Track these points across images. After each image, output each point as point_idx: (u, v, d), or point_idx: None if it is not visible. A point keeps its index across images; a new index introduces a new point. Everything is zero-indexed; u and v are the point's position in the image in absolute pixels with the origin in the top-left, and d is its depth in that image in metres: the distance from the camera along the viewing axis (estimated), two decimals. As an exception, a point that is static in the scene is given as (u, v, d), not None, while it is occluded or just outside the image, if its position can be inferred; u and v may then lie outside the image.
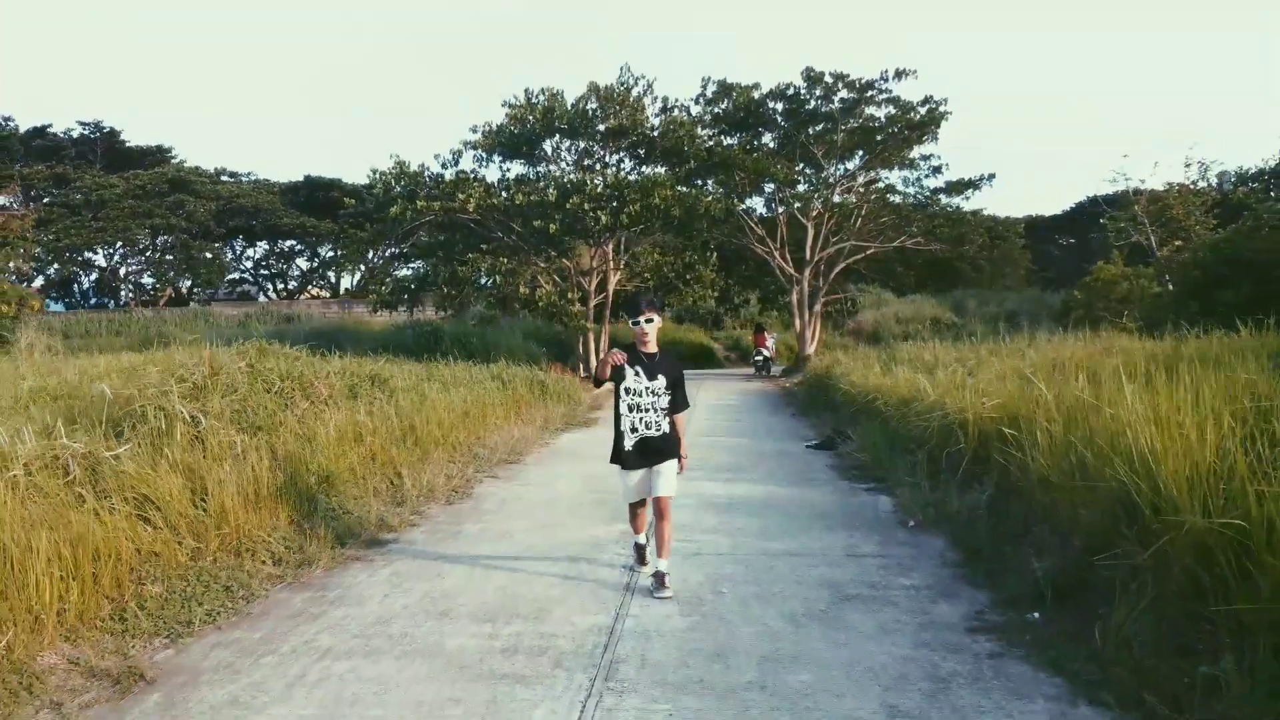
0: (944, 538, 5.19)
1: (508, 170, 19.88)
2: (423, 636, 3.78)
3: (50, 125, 44.25)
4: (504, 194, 17.53)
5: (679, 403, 4.50)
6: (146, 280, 44.38)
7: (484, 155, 19.41)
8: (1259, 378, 4.87)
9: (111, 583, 4.00)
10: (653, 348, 4.45)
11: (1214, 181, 33.17)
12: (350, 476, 6.35)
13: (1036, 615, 3.76)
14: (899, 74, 18.96)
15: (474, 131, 19.18)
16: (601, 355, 4.72)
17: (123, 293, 44.47)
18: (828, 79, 19.06)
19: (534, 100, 18.66)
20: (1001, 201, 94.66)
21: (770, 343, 23.61)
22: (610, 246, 19.30)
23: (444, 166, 19.15)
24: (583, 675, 3.30)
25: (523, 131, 18.51)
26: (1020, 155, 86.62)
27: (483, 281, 19.55)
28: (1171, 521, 3.28)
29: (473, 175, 19.05)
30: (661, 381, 4.39)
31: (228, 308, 35.90)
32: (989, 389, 6.48)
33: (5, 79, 79.00)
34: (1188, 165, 23.86)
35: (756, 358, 23.39)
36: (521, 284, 18.33)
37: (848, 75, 19.13)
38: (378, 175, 18.89)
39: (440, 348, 15.97)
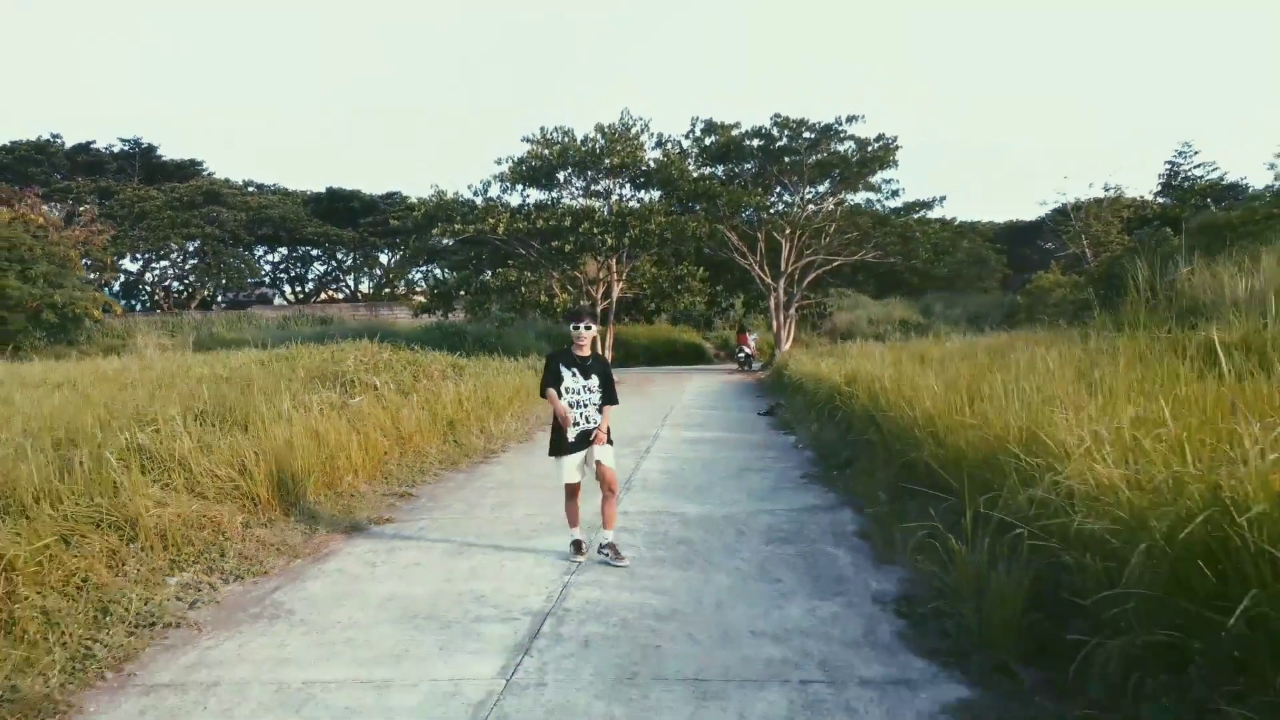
0: (814, 451, 9.09)
1: (527, 196, 23.85)
2: (537, 484, 7.68)
3: (94, 141, 47.98)
4: (526, 220, 21.42)
5: (609, 397, 5.13)
6: (174, 285, 48.00)
7: (508, 185, 23.35)
8: (1033, 353, 8.71)
9: (374, 462, 7.89)
10: (586, 351, 5.06)
11: (1152, 196, 37.38)
12: (461, 425, 10.24)
13: (836, 472, 7.65)
14: (850, 119, 23.03)
15: (499, 164, 23.14)
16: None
17: (154, 297, 47.99)
18: (792, 123, 23.03)
19: (549, 137, 22.61)
20: (1000, 203, 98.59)
21: (751, 341, 27.52)
22: (614, 261, 23.22)
23: (475, 194, 23.19)
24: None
25: (541, 165, 22.42)
26: (1028, 155, 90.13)
27: (502, 289, 23.34)
28: (880, 416, 7.17)
29: (498, 201, 23.04)
30: (595, 380, 5.09)
31: (267, 310, 39.61)
32: (846, 367, 10.39)
33: (53, 99, 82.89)
34: (1107, 189, 27.96)
35: (739, 354, 27.31)
36: (541, 292, 22.21)
37: (809, 120, 23.13)
38: (419, 202, 22.93)
39: (465, 346, 19.76)
